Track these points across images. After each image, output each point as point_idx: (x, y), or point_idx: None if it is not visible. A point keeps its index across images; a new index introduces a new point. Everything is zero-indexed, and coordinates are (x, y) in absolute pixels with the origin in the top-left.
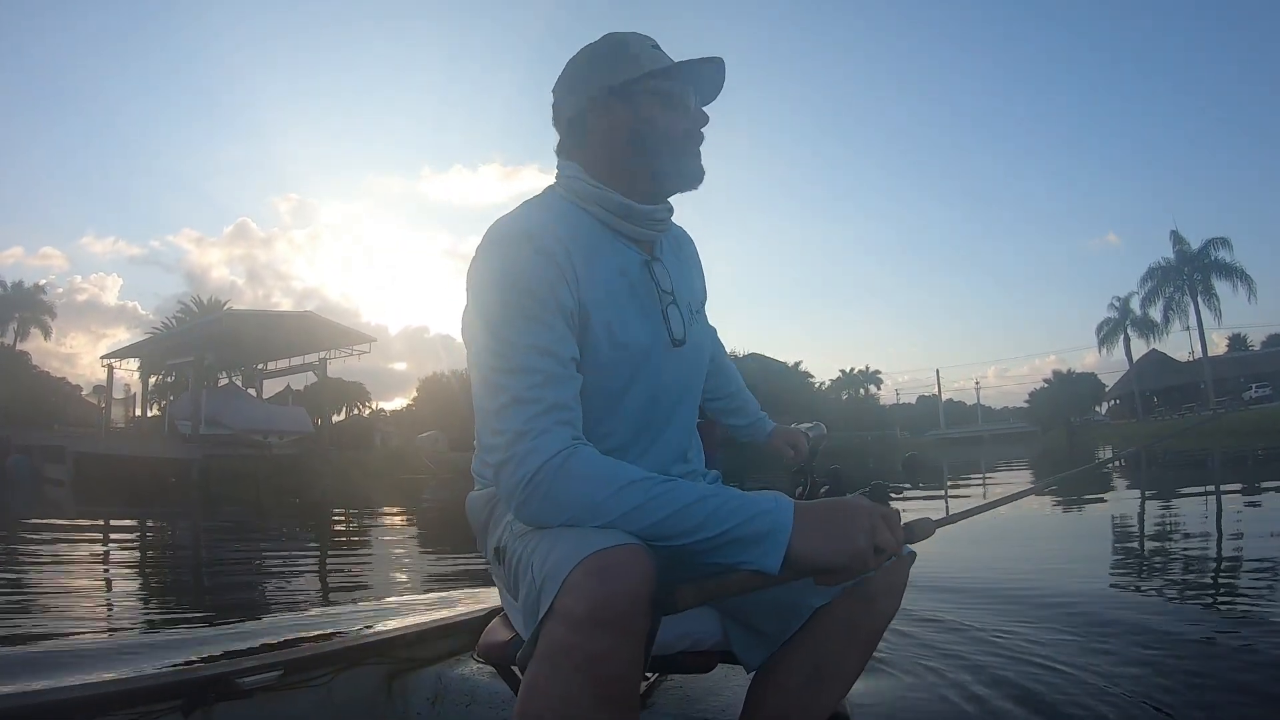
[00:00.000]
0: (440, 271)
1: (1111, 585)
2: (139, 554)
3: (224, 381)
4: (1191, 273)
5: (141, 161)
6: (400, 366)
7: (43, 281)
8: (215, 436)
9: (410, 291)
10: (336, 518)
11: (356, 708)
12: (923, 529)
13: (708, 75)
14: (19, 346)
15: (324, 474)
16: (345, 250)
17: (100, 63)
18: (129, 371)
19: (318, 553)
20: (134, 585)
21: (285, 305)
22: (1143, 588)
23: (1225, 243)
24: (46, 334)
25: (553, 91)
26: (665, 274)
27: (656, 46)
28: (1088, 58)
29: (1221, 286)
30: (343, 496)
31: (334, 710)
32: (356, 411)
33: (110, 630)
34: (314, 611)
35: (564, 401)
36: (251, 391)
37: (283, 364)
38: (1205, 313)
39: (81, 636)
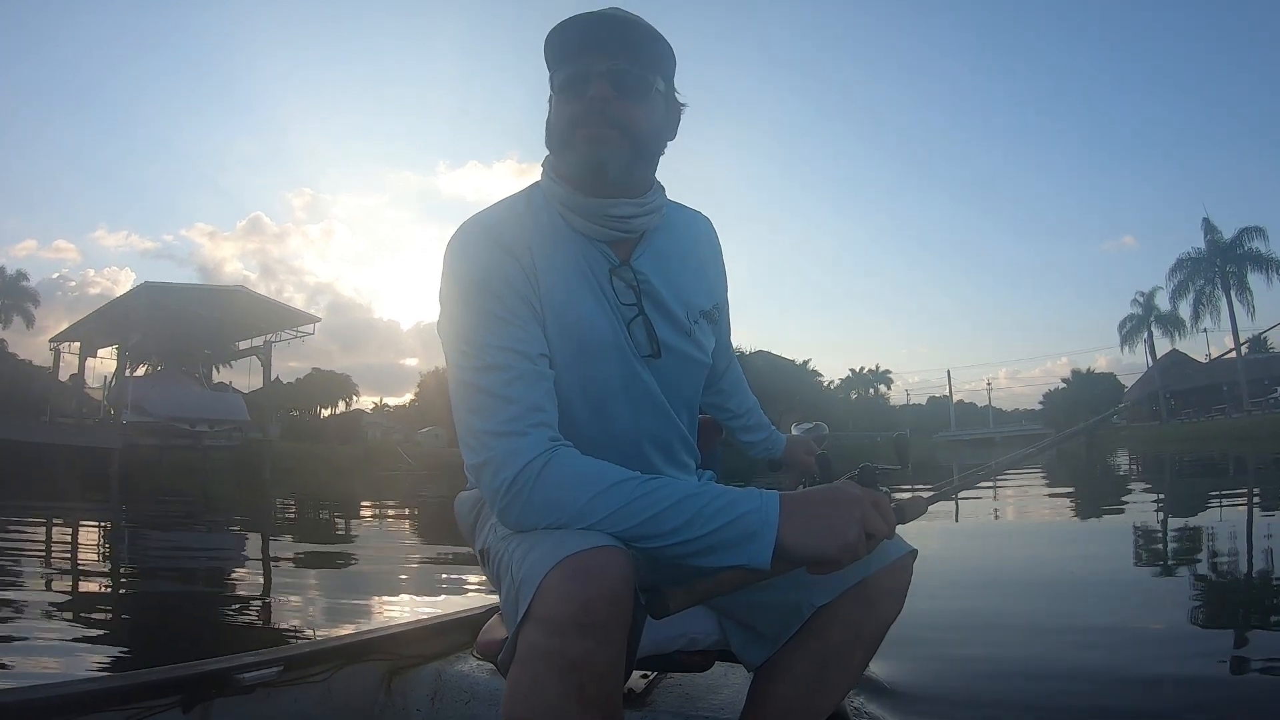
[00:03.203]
0: None
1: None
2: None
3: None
4: (1224, 264)
5: (155, 155)
6: (412, 362)
7: (54, 275)
8: (141, 425)
9: (422, 287)
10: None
11: (356, 704)
12: (914, 508)
13: (600, 37)
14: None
15: (264, 467)
16: (358, 245)
17: (114, 56)
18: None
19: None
20: None
21: (298, 300)
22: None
23: (1260, 232)
24: (29, 322)
25: None
26: (634, 281)
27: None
28: (1102, 59)
29: (1255, 280)
30: (286, 494)
31: (333, 706)
32: (344, 406)
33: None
34: (313, 610)
35: (538, 402)
36: (198, 378)
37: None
38: (1238, 308)
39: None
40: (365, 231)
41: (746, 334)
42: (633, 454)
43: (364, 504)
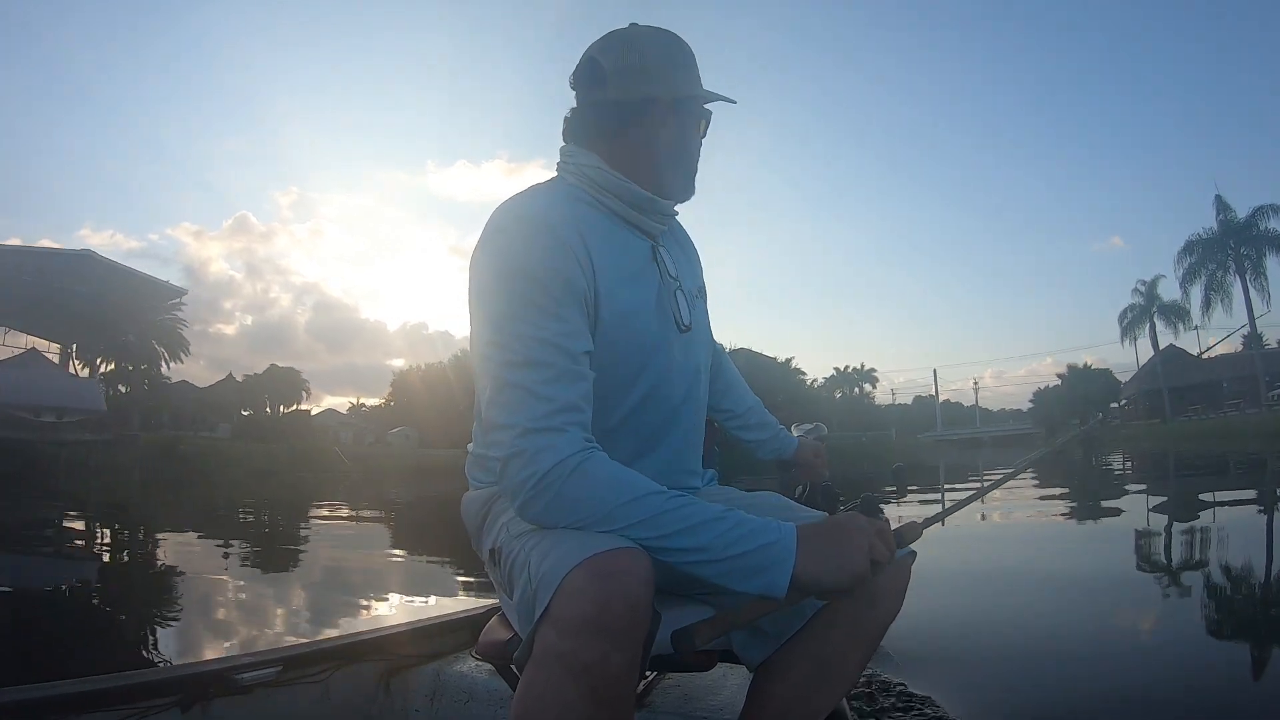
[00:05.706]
0: (440, 267)
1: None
2: None
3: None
4: (1238, 246)
5: (140, 154)
6: (398, 363)
7: None
8: None
9: (410, 287)
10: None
11: (354, 704)
12: (911, 533)
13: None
14: None
15: (134, 467)
16: (346, 245)
17: (100, 54)
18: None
19: None
20: None
21: (284, 301)
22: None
23: (1277, 211)
24: None
25: (594, 58)
26: (670, 260)
27: None
28: (1099, 55)
29: (1271, 265)
30: (165, 497)
31: (332, 706)
32: (296, 404)
33: None
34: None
35: (575, 402)
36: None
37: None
38: (1254, 294)
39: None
40: (354, 231)
41: (728, 332)
42: (658, 437)
43: (244, 510)
